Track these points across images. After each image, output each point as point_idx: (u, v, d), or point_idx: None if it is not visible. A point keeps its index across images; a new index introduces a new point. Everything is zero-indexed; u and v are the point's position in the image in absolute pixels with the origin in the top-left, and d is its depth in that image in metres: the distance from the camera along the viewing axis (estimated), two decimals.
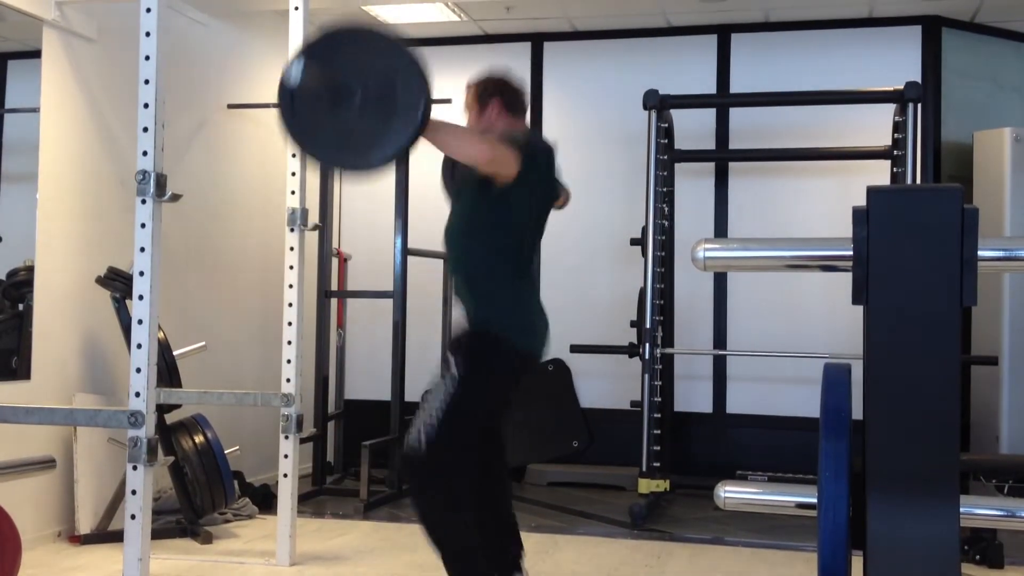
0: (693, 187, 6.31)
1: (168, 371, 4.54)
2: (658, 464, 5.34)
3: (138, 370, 2.98)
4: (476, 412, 3.23)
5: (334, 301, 6.24)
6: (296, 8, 4.23)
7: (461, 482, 3.18)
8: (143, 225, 3.00)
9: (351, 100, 2.82)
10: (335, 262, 6.32)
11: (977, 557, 4.18)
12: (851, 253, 1.55)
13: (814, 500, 1.55)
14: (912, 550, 1.47)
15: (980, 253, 1.51)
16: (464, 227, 3.31)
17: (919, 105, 5.21)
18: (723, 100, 6.34)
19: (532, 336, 3.30)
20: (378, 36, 2.93)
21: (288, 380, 4.18)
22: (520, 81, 3.50)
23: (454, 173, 3.54)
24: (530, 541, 4.39)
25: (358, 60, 2.87)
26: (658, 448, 5.35)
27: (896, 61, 6.09)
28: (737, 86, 6.35)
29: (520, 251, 3.29)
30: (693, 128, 6.18)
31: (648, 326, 5.39)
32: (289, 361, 4.19)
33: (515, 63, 6.62)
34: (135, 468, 2.96)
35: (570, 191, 3.80)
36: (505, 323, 3.23)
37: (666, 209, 5.68)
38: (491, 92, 3.38)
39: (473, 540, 3.18)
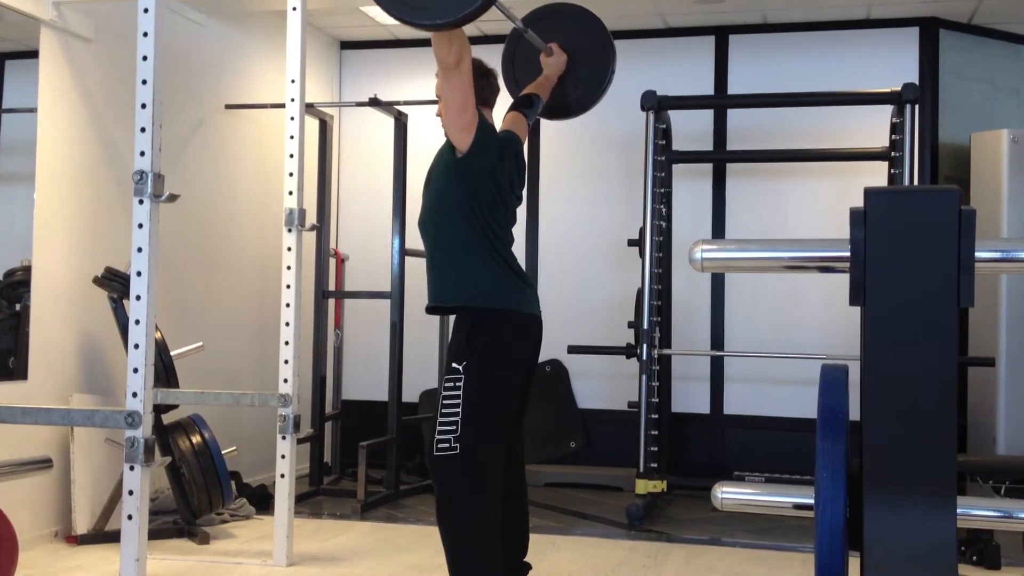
0: (691, 188, 6.32)
1: (165, 371, 4.54)
2: (655, 465, 5.34)
3: (135, 370, 2.98)
4: (496, 395, 3.21)
5: (331, 301, 6.24)
6: (294, 8, 4.22)
7: (495, 481, 3.17)
8: (140, 225, 2.99)
9: None
10: (332, 262, 6.32)
11: (974, 558, 4.19)
12: (848, 254, 1.55)
13: (811, 501, 1.55)
14: (909, 551, 1.47)
15: (977, 254, 1.51)
16: (431, 208, 3.34)
17: (916, 106, 5.21)
18: (721, 101, 6.34)
19: (518, 294, 3.28)
20: None
21: (285, 380, 4.18)
22: (489, 68, 3.48)
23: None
24: None
25: None
26: (655, 449, 5.35)
27: (893, 62, 6.10)
28: (735, 87, 6.36)
29: (488, 228, 3.26)
30: (691, 129, 6.18)
31: (645, 327, 5.39)
32: (287, 361, 4.19)
33: None
34: (132, 468, 2.95)
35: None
36: (485, 291, 3.23)
37: (664, 210, 5.68)
38: None
39: (498, 548, 3.16)
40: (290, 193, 4.22)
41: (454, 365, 3.19)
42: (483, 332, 3.21)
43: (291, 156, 4.22)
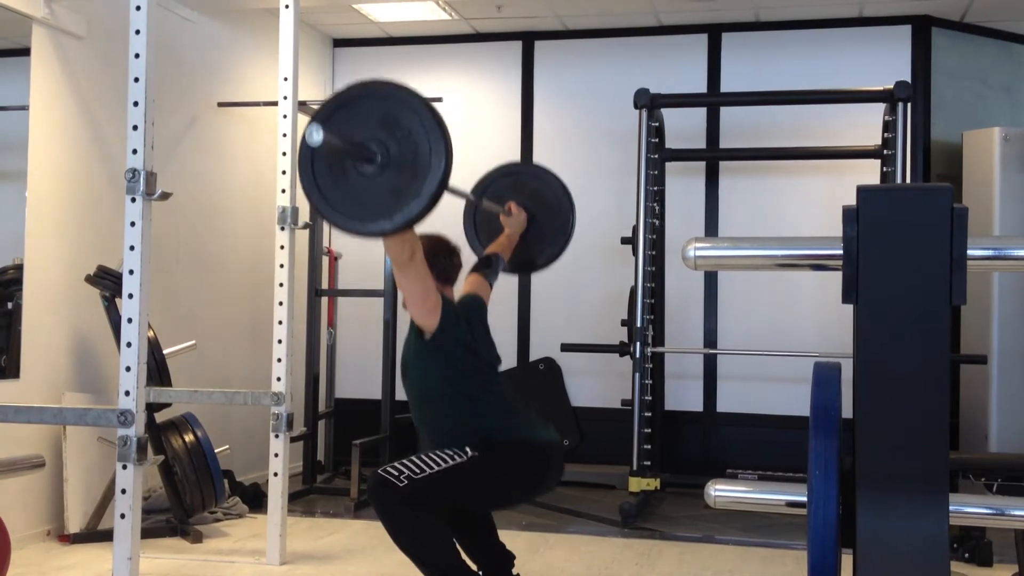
0: (684, 186, 6.32)
1: (158, 370, 4.53)
2: (648, 463, 5.34)
3: (128, 369, 2.97)
4: (473, 490, 3.22)
5: (324, 300, 6.23)
6: (287, 6, 4.22)
7: (431, 515, 3.17)
8: (133, 223, 2.99)
9: (371, 161, 2.76)
10: (325, 261, 6.31)
11: (966, 555, 4.20)
12: (841, 252, 1.56)
13: (804, 498, 1.56)
14: (901, 548, 1.47)
15: (969, 252, 1.52)
16: (422, 405, 3.40)
17: (909, 105, 5.22)
18: (714, 99, 6.35)
19: (527, 426, 3.30)
20: (396, 92, 2.82)
21: (278, 379, 4.18)
22: (453, 246, 3.48)
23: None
24: (520, 540, 4.40)
25: (377, 118, 2.80)
26: (648, 447, 5.35)
27: (886, 61, 6.11)
28: (727, 85, 6.36)
29: (482, 392, 3.30)
30: (684, 127, 6.18)
31: (639, 325, 5.39)
32: (279, 360, 4.18)
33: (506, 62, 6.65)
34: (124, 467, 2.95)
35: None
36: (496, 431, 3.25)
37: (657, 208, 5.68)
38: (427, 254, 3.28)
39: (453, 553, 3.17)
40: (283, 191, 4.21)
41: (467, 449, 3.18)
42: (508, 452, 3.23)
43: (284, 154, 4.21)
